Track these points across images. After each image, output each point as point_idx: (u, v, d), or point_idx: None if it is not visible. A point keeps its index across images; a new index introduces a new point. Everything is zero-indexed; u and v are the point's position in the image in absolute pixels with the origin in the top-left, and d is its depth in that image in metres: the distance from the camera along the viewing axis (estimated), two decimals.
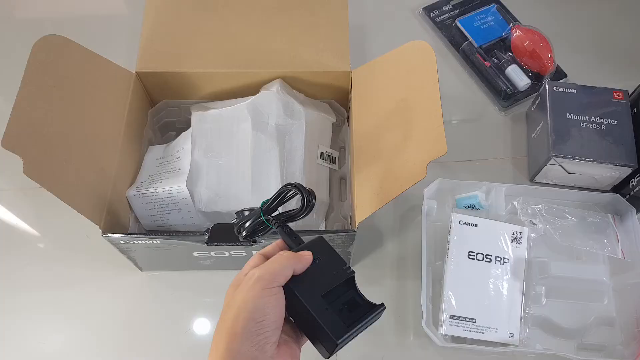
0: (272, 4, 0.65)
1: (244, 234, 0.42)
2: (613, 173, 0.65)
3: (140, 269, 0.63)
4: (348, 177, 0.62)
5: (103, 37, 0.80)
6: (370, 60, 0.60)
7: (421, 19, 0.85)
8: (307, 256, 0.38)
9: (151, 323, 0.61)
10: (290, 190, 0.40)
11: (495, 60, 0.78)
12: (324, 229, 0.62)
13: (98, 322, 0.61)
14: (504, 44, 0.80)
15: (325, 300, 0.37)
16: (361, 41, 0.81)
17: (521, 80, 0.75)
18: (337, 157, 0.66)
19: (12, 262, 0.65)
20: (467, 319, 0.58)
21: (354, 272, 0.39)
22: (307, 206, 0.40)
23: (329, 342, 0.35)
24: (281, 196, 0.41)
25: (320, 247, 0.40)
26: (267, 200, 0.41)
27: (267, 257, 0.39)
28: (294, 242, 0.41)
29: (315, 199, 0.40)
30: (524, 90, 0.76)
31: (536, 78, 0.77)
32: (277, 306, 0.35)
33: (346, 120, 0.68)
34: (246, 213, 0.43)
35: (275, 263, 0.37)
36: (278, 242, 0.41)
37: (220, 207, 0.57)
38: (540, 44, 0.75)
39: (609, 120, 0.65)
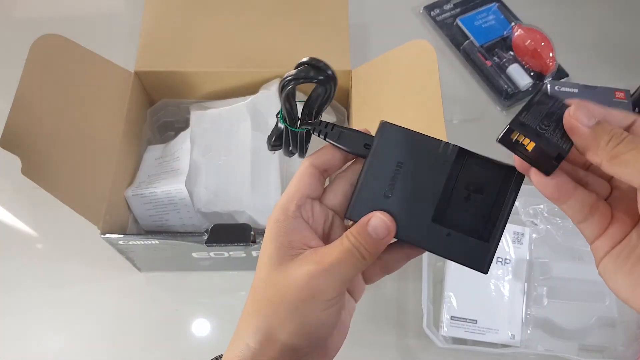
0: (271, 2, 0.64)
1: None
2: None
3: (139, 269, 0.63)
4: None
5: (102, 37, 0.80)
6: (370, 60, 0.60)
7: (422, 17, 0.84)
8: (376, 229, 0.27)
9: (150, 324, 0.61)
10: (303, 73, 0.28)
11: (497, 60, 0.78)
12: None
13: (96, 322, 0.61)
14: (505, 43, 0.79)
15: (440, 222, 0.28)
16: (361, 40, 0.81)
17: (522, 80, 0.75)
18: None
19: (10, 262, 0.65)
20: (468, 320, 0.58)
21: (458, 147, 0.29)
22: (328, 80, 0.28)
23: (475, 268, 0.28)
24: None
25: (393, 137, 0.29)
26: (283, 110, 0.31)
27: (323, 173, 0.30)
28: (352, 145, 0.30)
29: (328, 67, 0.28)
30: (525, 90, 0.75)
31: (538, 77, 0.76)
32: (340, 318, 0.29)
33: (346, 119, 0.67)
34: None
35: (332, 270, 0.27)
36: (328, 152, 0.30)
37: (219, 208, 0.57)
38: (542, 43, 0.75)
39: None
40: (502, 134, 0.26)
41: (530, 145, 0.26)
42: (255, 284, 0.29)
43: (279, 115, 0.31)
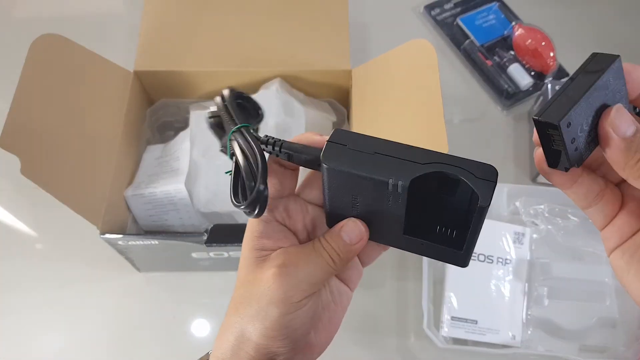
0: (271, 2, 0.64)
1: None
2: None
3: (139, 269, 0.62)
4: None
5: (101, 36, 0.80)
6: (370, 59, 0.60)
7: (422, 17, 0.84)
8: (352, 231, 0.28)
9: (149, 324, 0.61)
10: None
11: (497, 59, 0.78)
12: None
13: (96, 322, 0.61)
14: (505, 42, 0.79)
15: (413, 235, 0.27)
16: (361, 40, 0.81)
17: (523, 79, 0.75)
18: None
19: (9, 262, 0.64)
20: (468, 321, 0.57)
21: (407, 184, 0.25)
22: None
23: (456, 264, 0.28)
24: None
25: (338, 176, 0.26)
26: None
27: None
28: (307, 163, 0.28)
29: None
30: (526, 90, 0.75)
31: (538, 77, 0.76)
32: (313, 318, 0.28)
33: (346, 119, 0.67)
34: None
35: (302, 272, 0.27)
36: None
37: (219, 208, 0.57)
38: (543, 42, 0.75)
39: None
40: (544, 121, 0.23)
41: (557, 146, 0.24)
42: (236, 285, 0.29)
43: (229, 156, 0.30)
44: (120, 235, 0.51)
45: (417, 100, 0.53)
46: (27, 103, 0.48)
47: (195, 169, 0.58)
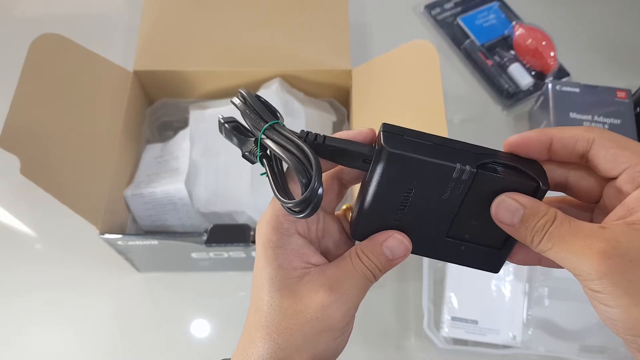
0: (271, 2, 0.64)
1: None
2: None
3: (138, 269, 0.62)
4: None
5: (101, 36, 0.79)
6: (370, 59, 0.60)
7: (422, 17, 0.84)
8: (394, 243, 0.26)
9: (149, 324, 0.61)
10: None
11: (498, 59, 0.78)
12: None
13: (95, 323, 0.61)
14: (506, 42, 0.79)
15: (454, 237, 0.27)
16: (362, 39, 0.81)
17: (524, 79, 0.75)
18: None
19: (8, 262, 0.64)
20: (468, 321, 0.57)
21: (475, 171, 0.25)
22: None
23: (487, 270, 0.28)
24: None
25: (398, 165, 0.25)
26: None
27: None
28: (348, 162, 0.26)
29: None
30: (526, 89, 0.75)
31: (539, 77, 0.76)
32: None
33: (346, 119, 0.67)
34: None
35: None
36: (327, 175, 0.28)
37: (218, 208, 0.57)
38: (543, 42, 0.75)
39: (612, 119, 0.65)
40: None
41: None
42: (258, 307, 0.27)
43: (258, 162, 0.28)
44: (120, 235, 0.51)
45: (418, 100, 0.52)
46: (27, 103, 0.48)
47: (195, 169, 0.58)
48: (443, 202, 0.26)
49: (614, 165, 0.24)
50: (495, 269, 0.28)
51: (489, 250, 0.27)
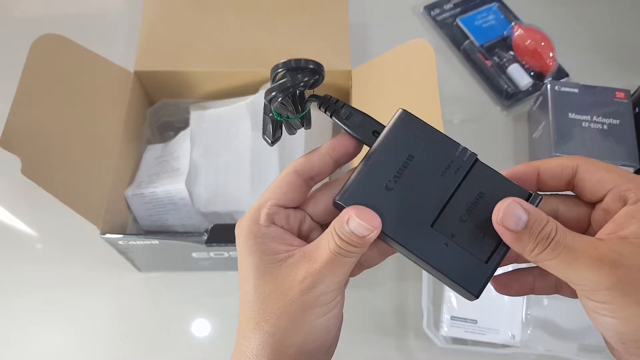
0: (271, 2, 0.64)
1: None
2: None
3: (139, 269, 0.62)
4: None
5: (101, 36, 0.80)
6: (370, 59, 0.60)
7: (422, 17, 0.84)
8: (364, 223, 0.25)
9: (150, 324, 0.61)
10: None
11: (497, 60, 0.78)
12: None
13: (96, 322, 0.61)
14: (505, 43, 0.79)
15: (439, 230, 0.26)
16: (361, 40, 0.81)
17: (523, 80, 0.75)
18: None
19: (9, 262, 0.64)
20: (468, 320, 0.58)
21: (476, 155, 0.27)
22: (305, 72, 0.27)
23: (464, 293, 0.26)
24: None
25: (410, 130, 0.27)
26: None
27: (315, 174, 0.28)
28: (360, 130, 0.28)
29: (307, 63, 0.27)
30: (525, 90, 0.75)
31: (538, 77, 0.76)
32: (334, 324, 0.27)
33: None
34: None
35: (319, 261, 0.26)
36: (334, 142, 0.29)
37: (219, 208, 0.57)
38: (542, 43, 0.75)
39: (611, 120, 0.65)
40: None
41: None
42: (245, 299, 0.27)
43: (271, 115, 0.29)
44: (121, 235, 0.51)
45: (415, 100, 0.53)
46: (27, 103, 0.48)
47: (196, 169, 0.58)
48: (438, 182, 0.26)
49: (599, 187, 0.25)
50: (474, 288, 0.25)
51: (473, 259, 0.25)
